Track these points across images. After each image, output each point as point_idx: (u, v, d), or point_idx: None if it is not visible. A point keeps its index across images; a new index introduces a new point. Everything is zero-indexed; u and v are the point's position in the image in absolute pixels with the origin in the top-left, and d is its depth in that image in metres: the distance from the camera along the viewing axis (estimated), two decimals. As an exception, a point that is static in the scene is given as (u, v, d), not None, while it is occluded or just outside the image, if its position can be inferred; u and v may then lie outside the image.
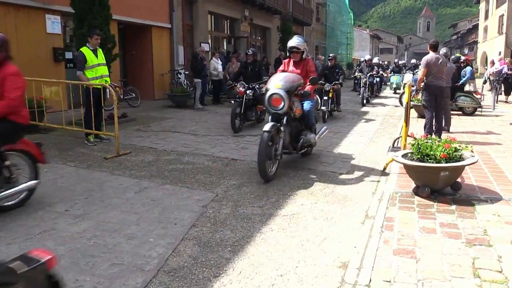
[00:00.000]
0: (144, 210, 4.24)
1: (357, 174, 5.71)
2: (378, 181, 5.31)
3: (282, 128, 5.30)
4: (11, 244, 3.42)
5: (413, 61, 28.47)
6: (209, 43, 17.22)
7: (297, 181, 5.31)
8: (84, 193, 4.70)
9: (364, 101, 14.45)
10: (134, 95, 12.40)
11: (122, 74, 13.40)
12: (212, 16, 18.34)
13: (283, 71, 6.16)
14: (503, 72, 15.78)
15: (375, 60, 19.87)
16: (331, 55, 12.47)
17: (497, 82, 15.14)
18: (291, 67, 6.18)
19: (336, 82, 11.11)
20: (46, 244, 3.41)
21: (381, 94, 19.76)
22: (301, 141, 5.78)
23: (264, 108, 5.90)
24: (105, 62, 7.70)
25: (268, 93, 5.37)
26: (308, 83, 5.77)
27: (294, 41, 6.03)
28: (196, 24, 16.46)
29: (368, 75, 16.07)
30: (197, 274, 3.01)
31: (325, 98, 10.64)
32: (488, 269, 2.92)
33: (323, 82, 10.67)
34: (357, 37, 51.28)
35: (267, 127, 5.09)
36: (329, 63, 12.18)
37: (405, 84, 19.97)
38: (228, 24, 20.17)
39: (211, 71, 13.55)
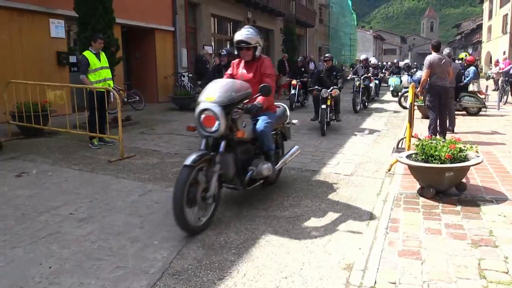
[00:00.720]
0: (148, 213, 4.24)
1: (361, 175, 5.69)
2: (383, 182, 5.30)
3: (217, 159, 3.79)
4: (16, 248, 3.43)
5: (407, 61, 26.08)
6: (212, 46, 17.26)
7: (301, 183, 5.30)
8: (88, 196, 4.71)
9: (357, 107, 12.79)
10: (138, 98, 12.44)
11: (125, 77, 13.45)
12: (215, 19, 18.38)
13: (231, 76, 4.71)
14: (511, 72, 15.65)
15: (373, 60, 18.39)
16: (327, 55, 10.47)
17: (505, 83, 14.97)
18: (240, 70, 4.64)
19: (335, 87, 9.39)
20: (50, 247, 3.42)
21: (381, 98, 18.45)
22: (249, 174, 4.14)
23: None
24: (108, 65, 7.73)
25: (197, 109, 3.85)
26: (259, 93, 4.14)
27: (241, 34, 4.44)
28: (199, 27, 16.50)
29: (363, 77, 13.91)
30: (201, 276, 3.00)
31: (323, 106, 8.89)
32: (494, 270, 2.90)
33: (320, 88, 9.19)
34: (360, 38, 51.24)
35: (189, 159, 3.55)
36: (325, 65, 10.05)
37: (404, 86, 19.68)
38: (231, 26, 20.21)
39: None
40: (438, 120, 7.60)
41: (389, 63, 27.72)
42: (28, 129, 8.00)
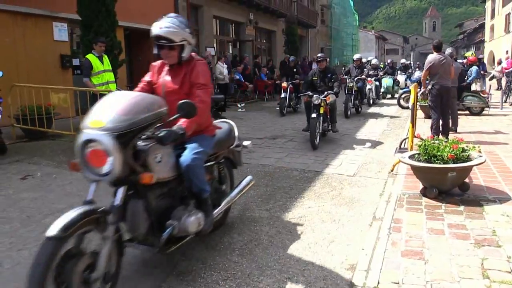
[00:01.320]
0: (152, 214, 4.26)
1: (364, 175, 5.71)
2: (385, 183, 5.30)
3: (110, 218, 2.54)
4: (22, 250, 3.46)
5: (403, 61, 24.76)
6: (214, 47, 17.31)
7: (303, 184, 5.31)
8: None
9: (349, 111, 11.56)
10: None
11: (128, 80, 13.50)
12: (217, 20, 18.43)
13: (148, 84, 3.39)
14: None
15: (374, 61, 17.58)
16: (320, 55, 8.75)
17: (510, 83, 14.88)
18: (163, 77, 3.31)
19: (329, 92, 7.90)
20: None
21: (381, 101, 17.02)
22: (168, 230, 2.82)
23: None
24: (110, 68, 7.78)
25: (79, 140, 2.53)
26: (178, 114, 2.76)
27: (159, 26, 3.06)
28: (202, 28, 16.55)
29: (355, 78, 12.54)
30: (205, 277, 3.02)
31: (313, 115, 7.37)
32: (497, 269, 2.91)
33: (311, 94, 7.76)
34: (362, 38, 51.20)
35: (56, 226, 2.26)
36: (318, 67, 8.48)
37: (400, 87, 19.03)
38: (233, 28, 20.26)
39: (217, 75, 13.62)
40: (440, 120, 7.60)
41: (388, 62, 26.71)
42: (32, 132, 8.05)
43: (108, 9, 8.87)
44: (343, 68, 21.58)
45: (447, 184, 4.44)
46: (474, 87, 12.45)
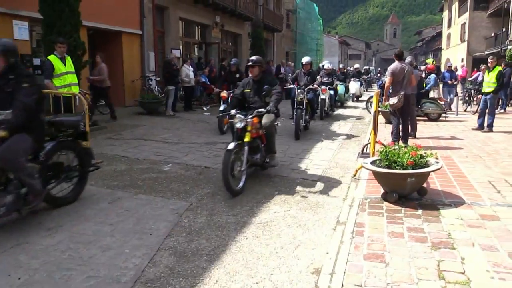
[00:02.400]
0: (118, 220, 4.23)
1: (328, 180, 5.86)
2: (349, 187, 5.48)
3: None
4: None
5: (356, 65, 23.20)
6: (180, 49, 17.20)
7: (270, 189, 5.41)
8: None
9: (300, 130, 8.98)
10: (104, 102, 12.23)
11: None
12: (183, 22, 18.33)
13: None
14: (479, 79, 16.11)
15: (326, 65, 14.20)
16: (252, 58, 6.18)
17: (474, 91, 15.18)
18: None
19: (259, 111, 5.59)
20: (19, 258, 3.37)
21: (335, 111, 14.69)
22: None
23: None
24: (73, 70, 7.62)
25: None
26: None
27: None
28: (167, 30, 16.41)
29: (306, 88, 9.68)
30: (174, 284, 3.05)
31: (230, 147, 5.12)
32: (452, 271, 3.09)
33: (233, 113, 5.57)
34: (326, 43, 52.12)
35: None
36: (251, 75, 6.13)
37: (355, 95, 19.22)
38: (199, 30, 20.20)
39: (183, 77, 13.53)
40: (400, 126, 7.91)
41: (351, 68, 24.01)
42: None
43: (72, 9, 8.66)
44: (289, 74, 18.27)
45: (406, 189, 4.65)
46: (432, 94, 12.98)
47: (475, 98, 14.72)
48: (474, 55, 32.65)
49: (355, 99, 19.63)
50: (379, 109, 8.13)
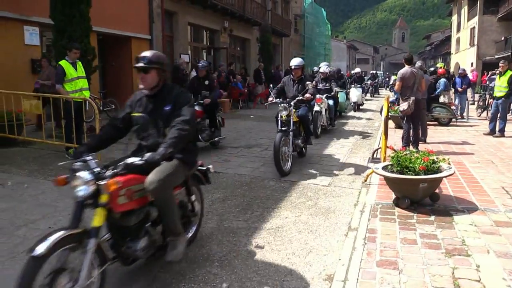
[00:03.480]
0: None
1: (339, 186, 5.82)
2: (359, 193, 5.43)
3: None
4: (-6, 263, 3.36)
5: (357, 69, 20.50)
6: (189, 54, 17.27)
7: (280, 194, 5.38)
8: (67, 209, 4.63)
9: (287, 165, 6.39)
10: (114, 107, 12.31)
11: (101, 86, 13.31)
12: (192, 28, 18.42)
13: None
14: (491, 85, 15.80)
15: (323, 68, 11.46)
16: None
17: (489, 96, 14.93)
18: None
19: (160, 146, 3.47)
20: None
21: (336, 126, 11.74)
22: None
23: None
24: (84, 75, 7.65)
25: None
26: None
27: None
28: (176, 35, 16.51)
29: (295, 100, 6.79)
30: (185, 290, 3.03)
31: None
32: (467, 278, 3.03)
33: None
34: (334, 47, 52.08)
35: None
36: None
37: (357, 103, 16.72)
38: (208, 35, 20.28)
39: (192, 82, 13.55)
40: (411, 131, 7.85)
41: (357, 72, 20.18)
42: (1, 139, 7.82)
43: (82, 14, 8.71)
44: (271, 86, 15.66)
45: (418, 194, 4.60)
46: (442, 99, 12.89)
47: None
48: (484, 59, 32.42)
49: (357, 108, 17.12)
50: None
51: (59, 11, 8.50)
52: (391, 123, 10.47)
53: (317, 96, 9.39)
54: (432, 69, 14.10)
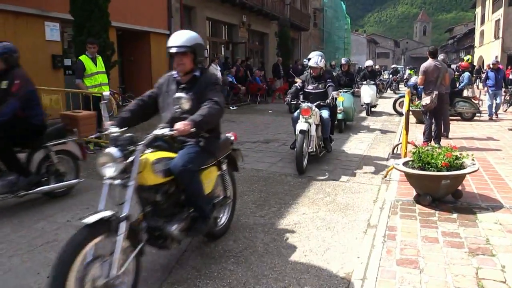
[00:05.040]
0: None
1: (357, 181, 5.71)
2: (379, 189, 5.32)
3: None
4: (13, 257, 3.40)
5: (369, 62, 17.15)
6: (207, 49, 17.27)
7: (297, 189, 5.31)
8: (84, 203, 4.69)
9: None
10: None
11: (120, 81, 13.41)
12: (210, 22, 18.40)
13: None
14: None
15: (314, 61, 7.04)
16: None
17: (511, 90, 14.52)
18: None
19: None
20: (48, 256, 3.39)
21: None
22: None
23: None
24: (104, 70, 7.71)
25: None
26: None
27: None
28: (194, 30, 16.29)
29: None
30: (200, 286, 2.99)
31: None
32: (492, 279, 2.92)
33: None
34: (354, 41, 51.51)
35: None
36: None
37: (371, 105, 13.18)
38: (226, 30, 20.24)
39: (210, 77, 13.55)
40: (433, 126, 7.65)
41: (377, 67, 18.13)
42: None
43: (101, 10, 8.79)
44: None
45: (440, 191, 4.46)
46: (465, 93, 12.55)
47: None
48: (509, 52, 31.51)
49: (370, 110, 13.32)
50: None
51: (79, 6, 8.59)
52: (412, 118, 10.26)
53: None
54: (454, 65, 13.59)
